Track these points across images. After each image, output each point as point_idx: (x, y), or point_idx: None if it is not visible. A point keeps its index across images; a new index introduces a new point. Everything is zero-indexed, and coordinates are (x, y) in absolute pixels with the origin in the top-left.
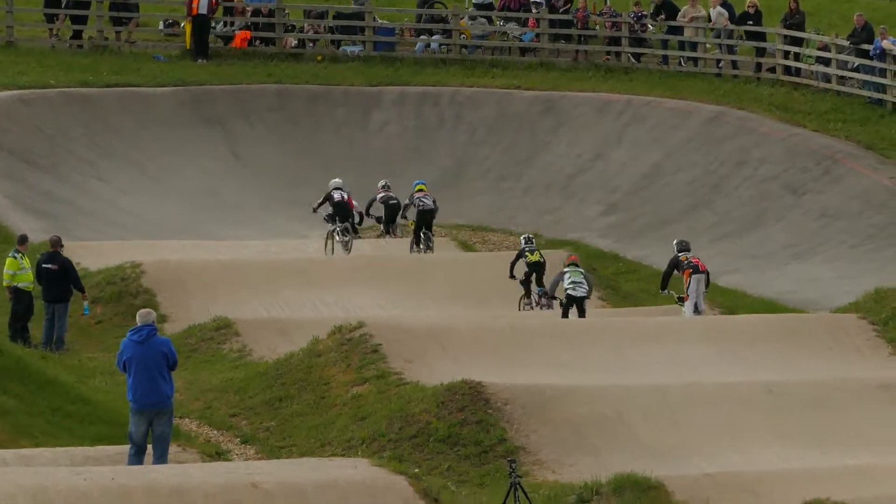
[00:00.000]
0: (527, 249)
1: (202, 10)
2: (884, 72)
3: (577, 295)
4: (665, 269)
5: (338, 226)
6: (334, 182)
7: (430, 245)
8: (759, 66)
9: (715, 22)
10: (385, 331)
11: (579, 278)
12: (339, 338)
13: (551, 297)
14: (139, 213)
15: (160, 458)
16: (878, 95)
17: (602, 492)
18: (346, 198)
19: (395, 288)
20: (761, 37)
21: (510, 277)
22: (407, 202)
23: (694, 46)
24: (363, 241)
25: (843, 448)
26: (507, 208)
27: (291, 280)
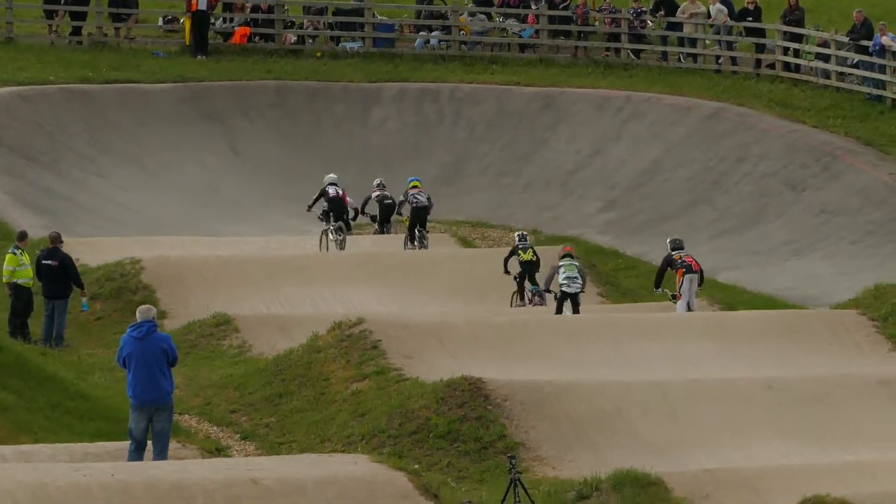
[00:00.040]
0: (520, 247)
1: (201, 6)
2: (883, 68)
3: (570, 291)
4: (659, 268)
5: (331, 225)
6: (329, 177)
7: (424, 242)
8: (758, 63)
9: (714, 18)
10: (385, 327)
11: (573, 273)
12: (338, 334)
13: (546, 291)
14: (139, 210)
15: (160, 454)
16: (878, 92)
17: (601, 488)
18: (340, 193)
19: (394, 284)
20: (761, 33)
21: (504, 273)
22: (401, 199)
23: (693, 43)
24: (363, 237)
25: (843, 444)
26: (506, 205)
27: (291, 276)
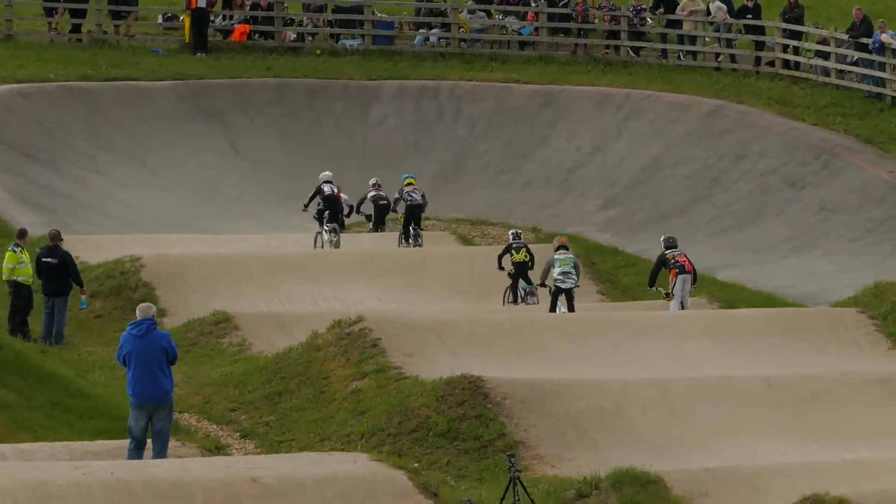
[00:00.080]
0: (514, 246)
1: (201, 3)
2: (883, 65)
3: (565, 287)
4: (653, 267)
5: (325, 227)
6: (324, 175)
7: (419, 241)
8: (758, 60)
9: (714, 16)
10: (384, 325)
11: (569, 267)
12: (338, 332)
13: (541, 285)
14: (138, 207)
15: (160, 452)
16: (877, 89)
17: (601, 486)
18: (335, 191)
19: (394, 282)
20: (760, 30)
21: (499, 269)
22: (396, 196)
23: (693, 40)
24: (363, 235)
25: (843, 442)
26: (506, 202)
27: (291, 274)
